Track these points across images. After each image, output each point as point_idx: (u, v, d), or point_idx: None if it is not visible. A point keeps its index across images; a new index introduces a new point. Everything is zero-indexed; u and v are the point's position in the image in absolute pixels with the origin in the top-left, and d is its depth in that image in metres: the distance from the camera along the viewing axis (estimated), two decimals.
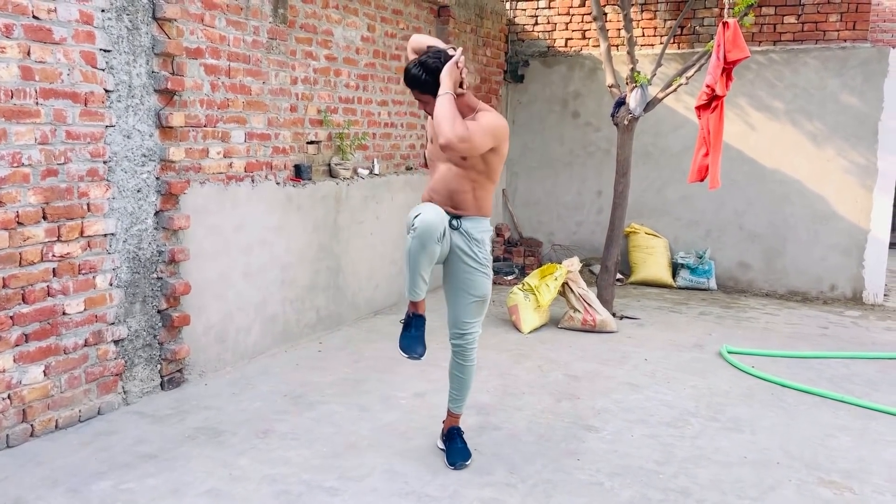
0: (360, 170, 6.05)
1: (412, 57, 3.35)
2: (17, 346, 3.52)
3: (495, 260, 8.36)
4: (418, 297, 3.35)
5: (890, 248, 7.66)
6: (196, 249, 4.45)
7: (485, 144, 3.16)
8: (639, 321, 6.28)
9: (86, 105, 3.74)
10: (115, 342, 4.01)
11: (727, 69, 5.28)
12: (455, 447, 3.51)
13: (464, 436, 3.58)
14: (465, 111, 3.24)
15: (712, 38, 5.53)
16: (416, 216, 3.14)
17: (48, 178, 3.60)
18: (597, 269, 7.25)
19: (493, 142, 3.19)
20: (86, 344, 3.85)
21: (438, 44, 3.32)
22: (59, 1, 3.58)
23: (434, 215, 3.13)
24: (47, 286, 3.64)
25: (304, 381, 4.57)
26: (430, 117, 3.27)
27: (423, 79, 3.17)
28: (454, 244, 3.33)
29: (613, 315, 6.20)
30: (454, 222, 3.32)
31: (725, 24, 5.26)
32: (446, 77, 3.12)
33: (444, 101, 3.08)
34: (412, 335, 3.38)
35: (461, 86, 3.20)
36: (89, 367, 3.87)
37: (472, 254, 3.35)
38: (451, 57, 3.18)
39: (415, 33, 6.74)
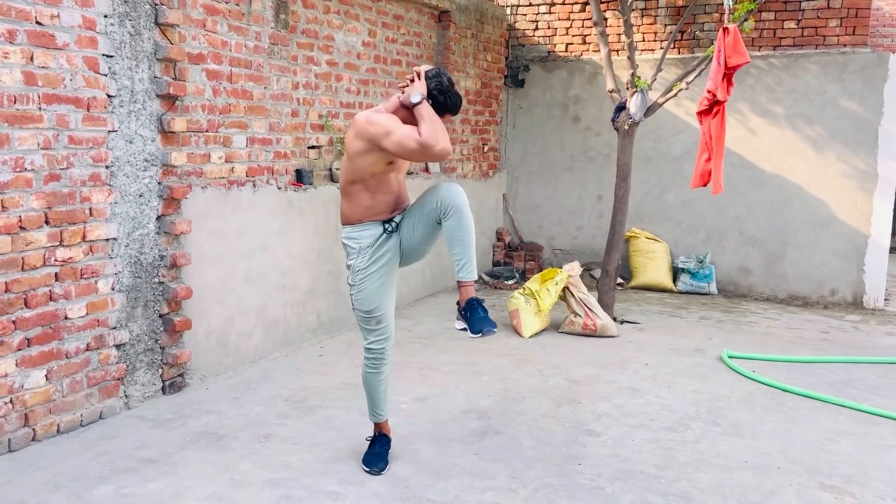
0: None
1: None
2: (19, 350, 3.53)
3: (496, 265, 8.37)
4: (380, 417, 3.59)
5: (890, 252, 7.68)
6: (197, 254, 4.46)
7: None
8: (639, 326, 6.29)
9: (88, 110, 3.75)
10: (117, 346, 4.02)
11: (728, 74, 5.30)
12: (478, 316, 3.18)
13: (484, 304, 3.28)
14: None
15: (712, 44, 5.55)
16: (371, 338, 3.38)
17: (50, 182, 3.61)
18: (597, 273, 7.25)
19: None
20: (87, 348, 3.85)
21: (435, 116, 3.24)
22: (62, 7, 3.60)
23: (388, 342, 3.41)
24: (49, 290, 3.65)
25: (306, 386, 4.58)
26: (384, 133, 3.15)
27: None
28: (402, 233, 3.33)
29: (614, 319, 6.21)
30: (388, 225, 3.31)
31: (726, 29, 5.27)
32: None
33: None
34: (375, 452, 3.54)
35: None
36: (91, 371, 3.88)
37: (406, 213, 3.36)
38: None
39: (415, 39, 6.77)
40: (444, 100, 3.19)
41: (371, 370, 3.47)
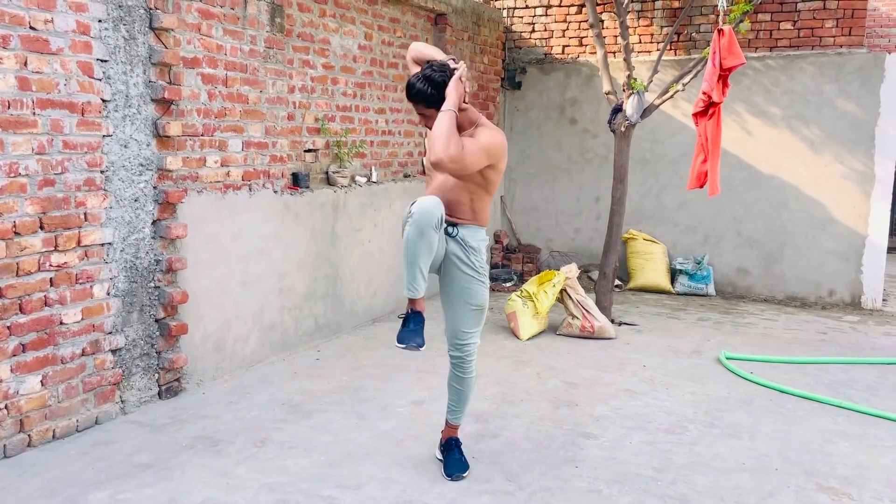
0: (357, 178, 6.06)
1: (413, 68, 3.34)
2: (14, 356, 3.52)
3: (493, 267, 8.36)
4: (417, 293, 3.20)
5: (888, 252, 7.66)
6: (193, 258, 4.45)
7: (478, 163, 3.14)
8: (637, 327, 6.28)
9: (83, 115, 3.75)
10: (113, 351, 4.01)
11: (723, 76, 5.29)
12: (453, 458, 3.49)
13: (461, 447, 3.56)
14: (466, 125, 3.24)
15: (709, 45, 5.54)
16: (413, 204, 3.12)
17: (45, 188, 3.61)
18: (595, 275, 7.25)
19: (487, 160, 3.17)
20: (83, 353, 3.84)
21: (438, 54, 3.31)
22: (56, 11, 3.59)
23: (431, 202, 3.06)
24: (44, 296, 3.64)
25: (302, 390, 4.57)
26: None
27: (428, 93, 3.12)
28: (450, 252, 3.31)
29: (612, 321, 6.20)
30: (451, 229, 3.30)
31: (721, 31, 5.27)
32: (452, 92, 3.10)
33: (445, 119, 3.05)
34: (410, 329, 3.26)
35: (464, 100, 3.19)
36: (87, 376, 3.87)
37: (469, 262, 3.33)
38: (455, 70, 3.16)
39: (413, 42, 6.76)
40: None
41: (413, 231, 3.09)
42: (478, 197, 3.31)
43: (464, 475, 3.42)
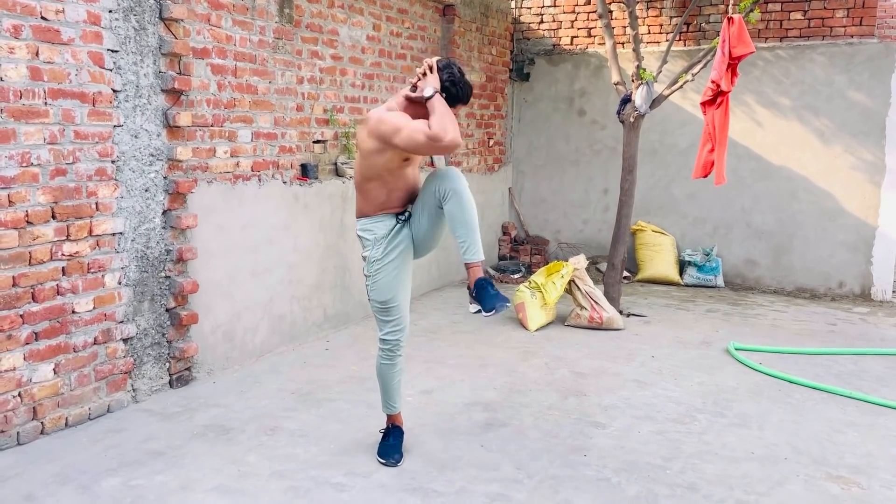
0: None
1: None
2: (27, 344, 3.55)
3: (502, 258, 8.37)
4: (394, 409, 3.59)
5: None
6: (203, 248, 4.47)
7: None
8: (646, 318, 6.28)
9: (94, 105, 3.77)
10: (124, 340, 4.04)
11: (732, 65, 5.28)
12: (488, 294, 3.15)
13: (494, 283, 3.27)
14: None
15: (718, 35, 5.52)
16: (387, 330, 3.41)
17: (57, 177, 3.63)
18: (603, 266, 7.24)
19: None
20: (95, 342, 3.88)
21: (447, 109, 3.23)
22: (67, 2, 3.61)
23: (404, 333, 3.43)
24: (56, 285, 3.67)
25: (312, 379, 4.59)
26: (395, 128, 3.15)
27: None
28: (413, 226, 3.36)
29: (620, 312, 6.20)
30: (401, 216, 3.35)
31: (730, 19, 5.25)
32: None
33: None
34: (389, 444, 3.54)
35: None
36: (98, 365, 3.90)
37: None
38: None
39: (419, 33, 6.76)
40: (457, 91, 3.21)
41: (385, 361, 3.50)
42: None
43: (507, 305, 3.14)
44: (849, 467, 3.52)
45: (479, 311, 3.26)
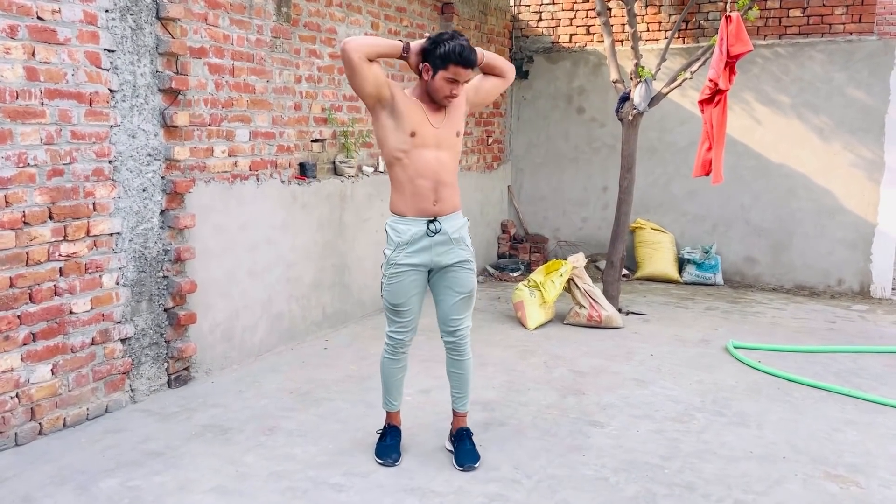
0: (364, 167, 6.06)
1: (364, 67, 3.11)
2: (24, 345, 3.55)
3: (501, 256, 8.37)
4: (394, 407, 3.59)
5: None
6: (202, 248, 4.47)
7: None
8: (645, 317, 6.28)
9: (91, 105, 3.76)
10: (122, 341, 4.03)
11: (730, 63, 5.27)
12: (464, 449, 3.47)
13: (473, 437, 3.55)
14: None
15: (717, 33, 5.51)
16: (390, 330, 3.41)
17: (54, 178, 3.62)
18: (602, 264, 7.24)
19: None
20: (93, 342, 3.87)
21: (389, 40, 3.30)
22: (63, 2, 3.60)
23: (408, 334, 3.42)
24: (54, 285, 3.67)
25: (311, 379, 4.59)
26: (408, 106, 3.22)
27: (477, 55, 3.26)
28: (434, 255, 3.29)
29: (619, 311, 6.20)
30: (432, 226, 3.26)
31: (728, 17, 5.24)
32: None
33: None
34: (387, 444, 3.53)
35: None
36: (96, 365, 3.90)
37: (454, 254, 3.33)
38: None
39: (418, 31, 6.75)
40: (435, 48, 3.16)
41: (388, 356, 3.49)
42: (456, 172, 3.37)
43: (475, 466, 3.41)
44: (847, 466, 3.52)
45: (451, 452, 3.54)
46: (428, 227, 3.26)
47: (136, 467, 3.37)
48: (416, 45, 3.24)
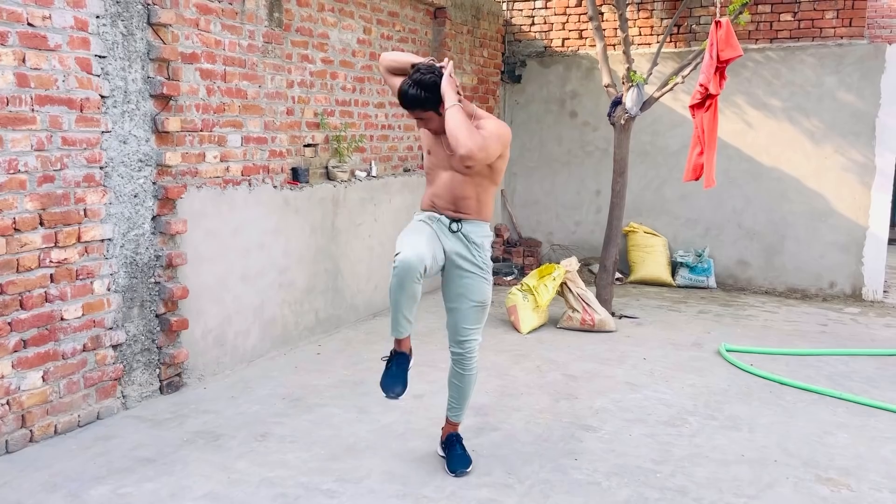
0: (357, 172, 6.06)
1: (390, 79, 3.38)
2: (15, 351, 3.53)
3: (494, 260, 8.36)
4: (400, 334, 3.32)
5: (889, 244, 7.65)
6: (193, 253, 4.46)
7: (496, 151, 3.18)
8: (637, 320, 6.29)
9: (81, 111, 3.75)
10: (114, 347, 4.02)
11: (720, 68, 5.29)
12: (455, 454, 3.48)
13: (463, 442, 3.56)
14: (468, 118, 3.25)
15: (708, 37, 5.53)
16: (398, 254, 3.14)
17: (45, 184, 3.61)
18: (596, 268, 7.25)
19: (501, 148, 3.21)
20: (84, 349, 3.86)
21: (414, 58, 3.33)
22: (54, 8, 3.60)
23: (413, 255, 3.07)
24: (45, 292, 3.65)
25: (303, 384, 4.58)
26: (425, 130, 3.30)
27: (423, 97, 3.13)
28: (452, 249, 3.31)
29: (612, 314, 6.21)
30: (454, 225, 3.31)
31: (718, 23, 5.26)
32: (449, 89, 3.11)
33: (457, 113, 3.05)
34: (392, 373, 3.36)
35: (459, 94, 3.19)
36: (88, 371, 3.89)
37: (472, 257, 3.33)
38: (443, 67, 3.20)
39: (410, 36, 6.76)
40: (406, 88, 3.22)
41: (393, 284, 3.14)
42: (484, 189, 3.32)
43: (467, 471, 3.42)
44: (838, 469, 3.53)
45: (443, 458, 3.54)
46: (451, 224, 3.32)
47: (128, 474, 3.36)
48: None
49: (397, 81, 3.28)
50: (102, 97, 3.86)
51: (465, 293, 3.35)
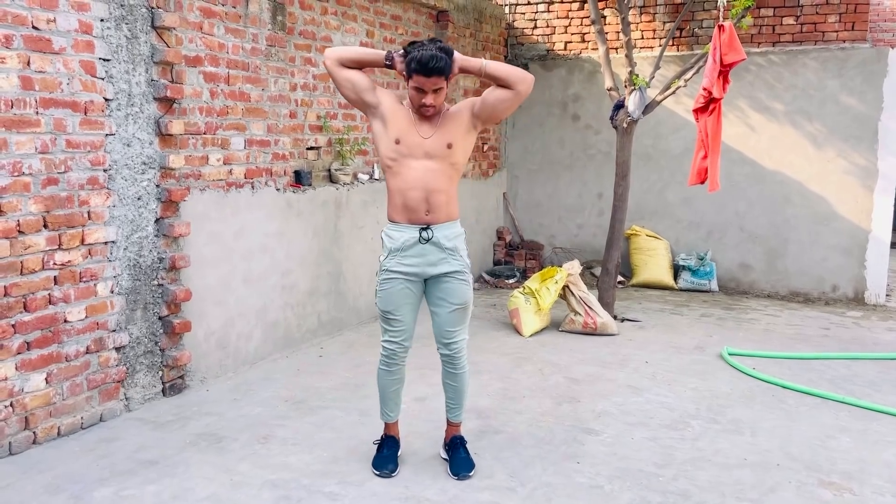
0: (360, 175, 6.07)
1: (340, 72, 3.29)
2: (18, 353, 3.54)
3: (496, 263, 8.37)
4: (390, 419, 3.56)
5: (891, 248, 7.65)
6: (196, 256, 4.47)
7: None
8: (640, 323, 6.29)
9: (86, 114, 3.77)
10: (117, 349, 4.03)
11: (723, 72, 5.29)
12: (459, 457, 3.47)
13: (467, 445, 3.56)
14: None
15: (711, 41, 5.54)
16: (385, 340, 3.38)
17: (49, 186, 3.63)
18: (598, 271, 7.25)
19: None
20: (87, 351, 3.87)
21: (366, 49, 3.42)
22: (59, 11, 3.61)
23: (399, 341, 3.37)
24: (49, 294, 3.66)
25: (305, 387, 4.59)
26: (393, 116, 3.27)
27: (447, 64, 3.11)
28: (425, 265, 3.29)
29: (614, 318, 6.21)
30: (425, 233, 3.25)
31: (721, 26, 5.27)
32: (461, 55, 3.22)
33: (496, 62, 3.25)
34: (384, 455, 3.49)
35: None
36: (91, 374, 3.89)
37: (447, 264, 3.31)
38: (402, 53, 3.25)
39: (413, 39, 6.77)
40: (405, 56, 3.17)
41: (383, 367, 3.47)
42: (453, 181, 3.32)
43: (470, 474, 3.41)
44: (841, 473, 3.53)
45: (446, 461, 3.56)
46: (420, 235, 3.26)
47: (131, 476, 3.37)
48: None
49: (352, 74, 3.28)
50: (106, 100, 3.88)
51: (446, 297, 3.35)
